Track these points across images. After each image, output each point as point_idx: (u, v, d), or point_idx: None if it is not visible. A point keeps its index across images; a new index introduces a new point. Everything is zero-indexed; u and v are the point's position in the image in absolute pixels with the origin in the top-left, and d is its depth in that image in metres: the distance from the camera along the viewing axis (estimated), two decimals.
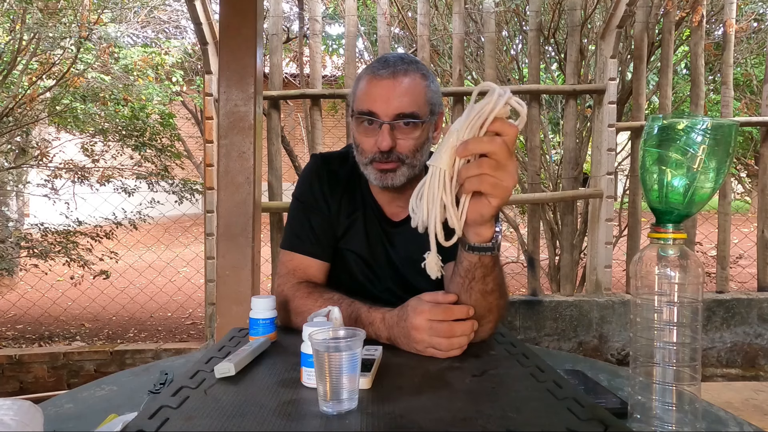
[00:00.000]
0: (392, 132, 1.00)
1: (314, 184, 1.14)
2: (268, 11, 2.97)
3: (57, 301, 4.14)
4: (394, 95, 0.99)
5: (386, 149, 1.00)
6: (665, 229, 0.65)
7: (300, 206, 1.15)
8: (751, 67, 4.80)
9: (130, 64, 4.16)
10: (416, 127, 1.02)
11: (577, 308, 2.81)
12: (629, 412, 0.69)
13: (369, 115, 1.01)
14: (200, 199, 3.94)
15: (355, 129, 1.06)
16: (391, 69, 1.01)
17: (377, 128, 1.01)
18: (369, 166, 1.05)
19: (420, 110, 1.01)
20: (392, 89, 1.00)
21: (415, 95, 1.01)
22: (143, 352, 2.88)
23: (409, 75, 1.01)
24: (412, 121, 1.00)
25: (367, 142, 1.03)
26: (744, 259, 4.75)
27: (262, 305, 0.92)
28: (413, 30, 3.59)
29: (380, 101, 1.00)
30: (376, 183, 1.05)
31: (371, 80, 1.02)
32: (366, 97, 1.02)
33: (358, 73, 1.09)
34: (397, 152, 1.01)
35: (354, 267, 1.15)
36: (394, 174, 1.03)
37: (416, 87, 1.01)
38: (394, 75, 1.00)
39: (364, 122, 1.02)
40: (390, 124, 1.00)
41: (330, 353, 0.63)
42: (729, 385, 2.07)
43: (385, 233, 1.14)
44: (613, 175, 2.93)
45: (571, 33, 2.94)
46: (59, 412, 0.80)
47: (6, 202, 4.75)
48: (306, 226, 1.13)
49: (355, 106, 1.05)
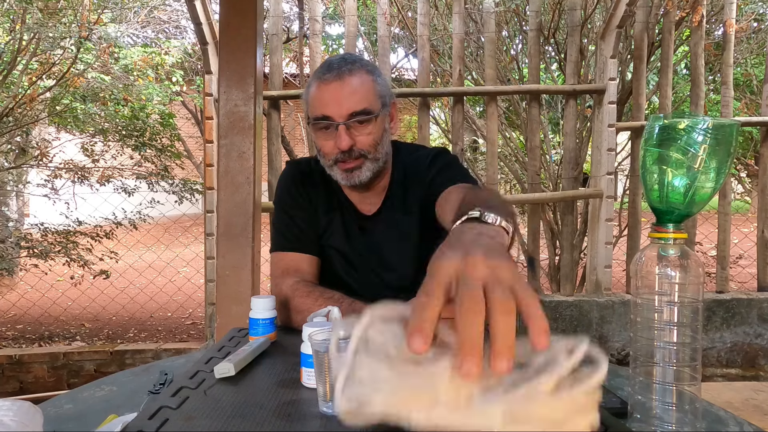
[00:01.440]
0: (348, 131, 1.04)
1: (291, 188, 1.19)
2: (268, 11, 2.97)
3: (57, 301, 4.14)
4: (343, 96, 1.04)
5: (346, 148, 1.04)
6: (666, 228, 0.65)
7: (281, 209, 1.19)
8: (751, 67, 4.80)
9: (130, 64, 4.16)
10: (370, 122, 1.06)
11: (577, 308, 2.81)
12: (629, 412, 0.69)
13: (324, 119, 1.05)
14: (200, 199, 3.94)
15: (313, 135, 1.10)
16: (335, 72, 1.05)
17: (334, 130, 1.05)
18: (334, 167, 1.09)
19: (371, 105, 1.05)
20: (340, 90, 1.04)
21: (364, 92, 1.05)
22: (143, 352, 2.88)
23: (355, 74, 1.05)
24: (365, 117, 1.05)
25: (326, 145, 1.07)
26: (744, 259, 4.75)
27: (262, 305, 0.92)
28: (413, 30, 3.59)
29: (332, 104, 1.04)
30: (344, 182, 1.10)
31: (319, 86, 1.06)
32: (317, 102, 1.06)
33: (308, 81, 1.13)
34: (357, 149, 1.06)
35: (336, 264, 1.19)
36: (359, 171, 1.07)
37: (364, 84, 1.05)
38: (340, 76, 1.04)
39: (321, 127, 1.06)
40: (345, 124, 1.04)
41: (330, 353, 0.63)
42: (729, 385, 2.07)
43: (360, 228, 1.18)
44: (613, 175, 2.93)
45: (571, 33, 2.94)
46: (59, 412, 0.80)
47: (6, 202, 4.75)
48: (290, 225, 1.17)
49: (310, 113, 1.08)
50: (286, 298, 1.06)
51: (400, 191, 1.17)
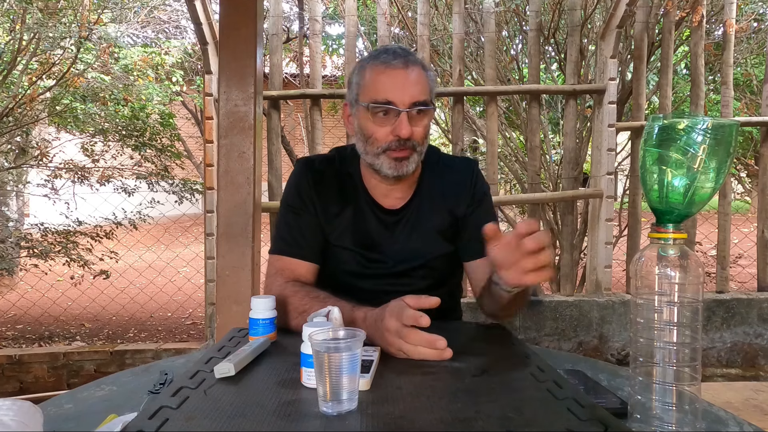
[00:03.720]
0: (409, 119, 1.03)
1: (302, 188, 1.16)
2: (268, 11, 2.97)
3: (57, 301, 4.14)
4: (409, 83, 1.03)
5: (407, 136, 1.03)
6: (665, 229, 0.65)
7: (288, 210, 1.16)
8: (751, 67, 4.79)
9: (130, 64, 4.16)
10: (426, 114, 1.07)
11: (577, 308, 2.81)
12: (629, 412, 0.69)
13: (386, 104, 1.03)
14: (200, 199, 3.94)
15: (366, 119, 1.07)
16: (402, 59, 1.04)
17: (393, 117, 1.04)
18: (382, 155, 1.06)
19: (428, 98, 1.06)
20: (407, 78, 1.03)
21: (424, 84, 1.06)
22: (143, 352, 2.88)
23: (417, 65, 1.06)
24: (425, 108, 1.05)
25: (381, 131, 1.05)
26: (744, 259, 4.75)
27: (262, 305, 0.92)
28: (413, 30, 3.59)
29: (397, 90, 1.03)
30: (390, 172, 1.07)
31: (384, 70, 1.04)
32: (380, 86, 1.04)
33: (359, 64, 1.11)
34: (412, 140, 1.05)
35: (349, 262, 1.15)
36: (407, 161, 1.06)
37: (423, 76, 1.06)
38: (406, 64, 1.04)
39: (379, 112, 1.04)
40: (407, 112, 1.03)
41: (330, 354, 0.63)
42: (729, 385, 2.07)
43: (382, 223, 1.15)
44: (613, 175, 2.93)
45: (571, 33, 2.94)
46: (59, 412, 0.80)
47: (6, 202, 4.75)
48: (294, 229, 1.14)
49: (367, 97, 1.05)
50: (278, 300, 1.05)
51: (433, 190, 1.17)
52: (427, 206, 1.16)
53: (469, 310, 2.79)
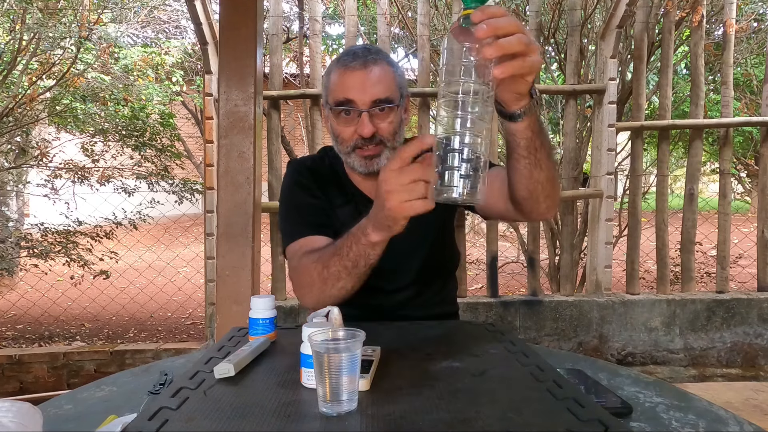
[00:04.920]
0: (371, 118, 1.05)
1: (300, 180, 1.18)
2: (268, 11, 2.97)
3: (57, 301, 4.14)
4: (368, 83, 1.05)
5: (368, 135, 1.05)
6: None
7: (289, 202, 1.17)
8: (751, 67, 4.80)
9: (130, 64, 4.16)
10: (391, 111, 1.08)
11: (577, 308, 2.81)
12: (630, 413, 0.69)
13: (347, 104, 1.06)
14: (200, 199, 3.94)
15: (333, 120, 1.10)
16: (361, 60, 1.06)
17: (356, 117, 1.06)
18: (352, 154, 1.09)
19: (393, 94, 1.07)
20: (366, 78, 1.05)
21: (387, 81, 1.07)
22: (143, 352, 2.87)
23: (378, 63, 1.07)
24: (387, 105, 1.06)
25: (346, 131, 1.08)
26: (744, 259, 4.75)
27: (262, 305, 0.92)
28: (413, 30, 3.59)
29: (356, 90, 1.05)
30: (361, 169, 1.10)
31: (344, 72, 1.07)
32: (341, 87, 1.07)
33: (327, 68, 1.14)
34: (378, 136, 1.07)
35: None
36: (378, 158, 1.08)
37: (386, 73, 1.07)
38: (365, 64, 1.06)
39: (341, 113, 1.07)
40: (368, 111, 1.05)
41: (329, 354, 0.63)
42: (729, 385, 2.07)
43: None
44: (613, 175, 2.93)
45: (571, 33, 2.94)
46: (59, 413, 0.80)
47: (6, 202, 4.75)
48: (302, 213, 1.14)
49: (331, 98, 1.09)
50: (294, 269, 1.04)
51: None
52: None
53: (470, 310, 2.79)
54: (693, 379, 2.77)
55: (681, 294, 2.90)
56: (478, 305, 2.79)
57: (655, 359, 2.82)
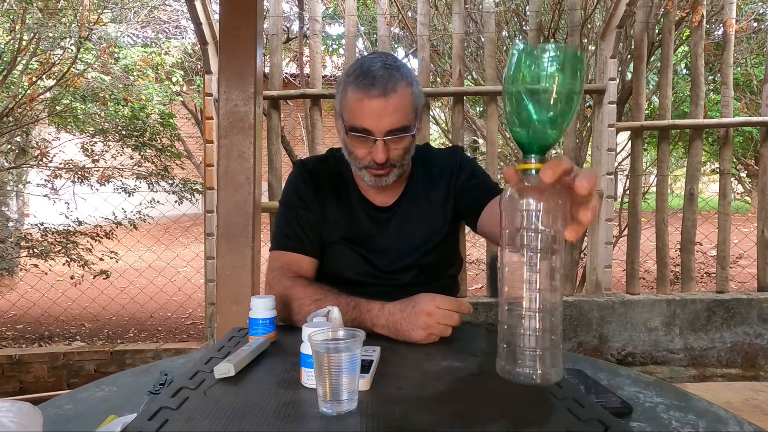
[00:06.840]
0: (385, 145, 1.06)
1: (299, 188, 1.20)
2: (268, 11, 2.97)
3: (57, 301, 4.14)
4: (386, 113, 1.04)
5: (382, 161, 1.07)
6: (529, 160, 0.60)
7: (287, 210, 1.20)
8: (751, 67, 4.79)
9: (130, 64, 4.16)
10: (406, 137, 1.09)
11: (577, 308, 2.81)
12: (630, 413, 0.69)
13: (363, 132, 1.06)
14: (200, 199, 3.94)
15: (347, 139, 1.11)
16: (380, 87, 1.02)
17: (371, 142, 1.07)
18: (363, 170, 1.12)
19: (409, 122, 1.07)
20: (384, 108, 1.03)
21: (404, 109, 1.05)
22: (143, 352, 2.87)
23: (398, 89, 1.04)
24: (403, 135, 1.07)
25: (360, 151, 1.10)
26: (744, 259, 4.75)
27: (262, 305, 0.92)
28: (413, 30, 3.59)
29: (373, 120, 1.04)
30: (371, 184, 1.13)
31: (362, 98, 1.03)
32: (358, 113, 1.05)
33: (343, 81, 1.10)
34: (390, 160, 1.09)
35: (344, 258, 1.19)
36: (387, 177, 1.12)
37: (404, 100, 1.05)
38: (385, 93, 1.02)
39: (357, 137, 1.07)
40: (383, 140, 1.05)
41: (330, 354, 0.63)
42: (729, 385, 2.07)
43: (374, 220, 1.20)
44: (613, 175, 2.93)
45: (571, 33, 2.93)
46: (59, 413, 0.80)
47: (6, 202, 4.75)
48: (294, 225, 1.18)
49: (347, 118, 1.08)
50: (284, 289, 1.07)
51: (421, 184, 1.22)
52: (417, 201, 1.20)
53: None
54: (693, 379, 2.77)
55: (681, 294, 2.90)
56: (478, 305, 2.79)
57: (655, 359, 2.82)
